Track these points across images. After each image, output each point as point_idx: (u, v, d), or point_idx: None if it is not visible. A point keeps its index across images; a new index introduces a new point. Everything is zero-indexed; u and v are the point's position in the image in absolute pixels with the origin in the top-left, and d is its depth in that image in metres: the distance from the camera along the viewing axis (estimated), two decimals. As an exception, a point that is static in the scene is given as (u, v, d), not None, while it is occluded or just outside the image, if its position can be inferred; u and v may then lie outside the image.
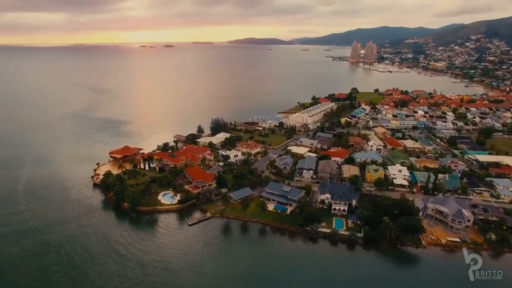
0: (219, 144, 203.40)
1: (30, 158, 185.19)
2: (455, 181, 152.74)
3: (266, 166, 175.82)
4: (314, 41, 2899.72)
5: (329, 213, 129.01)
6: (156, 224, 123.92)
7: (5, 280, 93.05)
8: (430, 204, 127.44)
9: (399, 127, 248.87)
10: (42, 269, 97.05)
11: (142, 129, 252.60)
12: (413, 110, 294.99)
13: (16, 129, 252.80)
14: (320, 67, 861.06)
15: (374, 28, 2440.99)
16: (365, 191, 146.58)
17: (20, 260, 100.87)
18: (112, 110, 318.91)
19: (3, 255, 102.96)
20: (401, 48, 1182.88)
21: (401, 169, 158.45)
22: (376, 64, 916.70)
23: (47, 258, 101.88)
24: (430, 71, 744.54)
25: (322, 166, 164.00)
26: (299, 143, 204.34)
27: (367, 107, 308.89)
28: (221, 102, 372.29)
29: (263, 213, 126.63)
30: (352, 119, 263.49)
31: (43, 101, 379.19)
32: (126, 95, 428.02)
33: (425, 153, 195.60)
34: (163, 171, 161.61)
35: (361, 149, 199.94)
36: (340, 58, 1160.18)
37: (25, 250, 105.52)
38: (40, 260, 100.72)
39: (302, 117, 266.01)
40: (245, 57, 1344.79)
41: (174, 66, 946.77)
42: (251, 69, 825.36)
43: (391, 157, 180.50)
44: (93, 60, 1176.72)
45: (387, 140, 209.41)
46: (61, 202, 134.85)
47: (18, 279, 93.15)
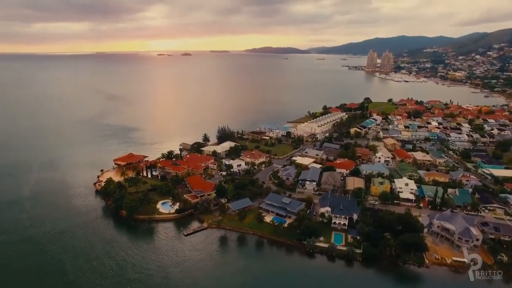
0: (223, 153, 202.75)
1: (38, 163, 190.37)
2: (465, 196, 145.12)
3: (269, 177, 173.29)
4: (331, 50, 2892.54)
5: (329, 227, 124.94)
6: (151, 233, 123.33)
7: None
8: (435, 221, 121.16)
9: (411, 138, 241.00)
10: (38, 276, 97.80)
11: (150, 136, 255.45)
12: (426, 121, 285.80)
13: (28, 133, 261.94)
14: (335, 76, 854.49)
15: (392, 38, 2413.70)
16: (369, 204, 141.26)
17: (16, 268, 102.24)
18: (123, 117, 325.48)
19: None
20: (420, 57, 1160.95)
21: (408, 183, 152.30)
22: (393, 73, 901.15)
23: (40, 265, 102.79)
24: (448, 81, 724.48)
25: (326, 178, 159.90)
26: (304, 153, 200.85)
27: (379, 117, 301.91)
28: (232, 111, 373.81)
29: (260, 225, 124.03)
30: (362, 130, 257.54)
31: (58, 106, 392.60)
32: (138, 102, 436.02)
33: (436, 166, 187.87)
34: (165, 179, 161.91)
35: (369, 160, 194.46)
36: (356, 68, 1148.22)
37: (20, 257, 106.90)
38: (33, 266, 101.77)
39: (310, 127, 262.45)
40: (260, 66, 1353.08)
41: (189, 74, 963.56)
42: (265, 78, 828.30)
43: (399, 170, 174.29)
44: (111, 67, 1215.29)
45: (396, 151, 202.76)
46: (61, 209, 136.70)
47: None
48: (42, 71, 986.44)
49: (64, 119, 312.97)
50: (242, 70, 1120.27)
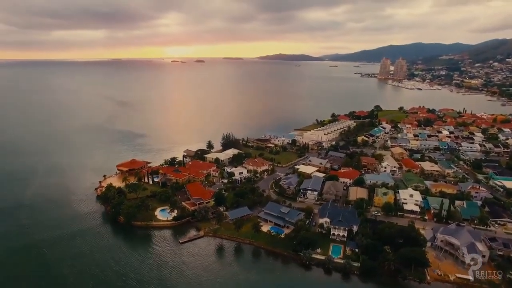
0: (226, 160, 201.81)
1: (43, 167, 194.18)
2: (473, 209, 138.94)
3: (270, 185, 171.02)
4: (344, 57, 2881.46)
5: (328, 238, 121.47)
6: (147, 240, 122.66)
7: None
8: (439, 235, 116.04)
9: (419, 147, 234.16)
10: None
11: (156, 142, 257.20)
12: (437, 130, 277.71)
13: (37, 139, 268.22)
14: (346, 84, 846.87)
15: (407, 45, 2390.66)
16: (371, 216, 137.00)
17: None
18: (131, 123, 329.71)
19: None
20: (435, 64, 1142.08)
21: (412, 194, 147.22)
22: (405, 81, 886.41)
23: (36, 271, 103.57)
24: (463, 89, 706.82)
25: (327, 188, 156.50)
26: (308, 162, 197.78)
27: (388, 125, 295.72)
28: (240, 118, 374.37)
29: (257, 235, 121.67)
30: (370, 138, 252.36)
31: (69, 112, 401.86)
32: (147, 109, 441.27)
33: (445, 176, 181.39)
34: (166, 186, 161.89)
35: (374, 170, 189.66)
36: (369, 75, 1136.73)
37: (17, 263, 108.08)
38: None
39: (316, 135, 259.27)
40: (272, 73, 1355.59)
41: (201, 81, 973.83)
42: (275, 85, 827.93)
43: (405, 180, 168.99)
44: (124, 74, 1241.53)
45: (403, 161, 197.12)
46: (62, 214, 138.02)
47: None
48: (58, 78, 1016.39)
49: (73, 125, 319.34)
50: (253, 77, 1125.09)
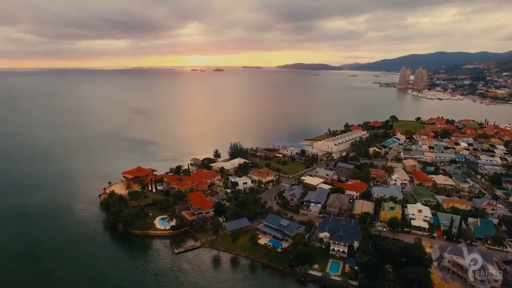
0: (232, 169, 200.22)
1: (53, 173, 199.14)
2: (488, 227, 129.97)
3: (274, 196, 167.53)
4: (364, 66, 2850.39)
5: (328, 254, 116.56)
6: (142, 249, 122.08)
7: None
8: (447, 254, 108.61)
9: (434, 160, 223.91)
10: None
11: (166, 150, 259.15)
12: (454, 142, 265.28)
13: (51, 144, 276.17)
14: (364, 93, 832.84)
15: (429, 54, 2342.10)
16: (375, 231, 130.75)
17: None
18: (144, 130, 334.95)
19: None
20: (458, 74, 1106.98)
21: (421, 209, 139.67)
22: (426, 91, 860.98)
23: (31, 277, 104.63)
24: (488, 99, 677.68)
25: (331, 200, 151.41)
26: (314, 173, 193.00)
27: (402, 136, 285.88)
28: (251, 127, 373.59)
29: (254, 248, 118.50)
30: (382, 149, 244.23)
31: (85, 119, 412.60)
32: (162, 116, 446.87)
33: (459, 191, 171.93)
34: (168, 194, 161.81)
35: (384, 183, 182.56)
36: (388, 85, 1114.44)
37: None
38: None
39: (327, 145, 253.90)
40: (289, 82, 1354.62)
41: (218, 89, 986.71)
42: (291, 94, 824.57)
43: (415, 194, 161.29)
44: (144, 82, 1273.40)
45: (415, 174, 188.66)
46: (65, 219, 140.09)
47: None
48: (81, 85, 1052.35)
49: (89, 131, 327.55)
50: (270, 86, 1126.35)
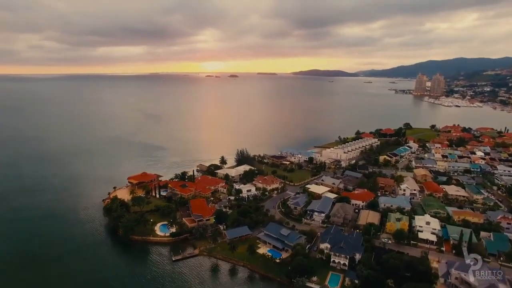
0: (237, 176, 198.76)
1: (61, 176, 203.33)
2: (502, 243, 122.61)
3: (277, 204, 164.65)
4: (380, 73, 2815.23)
5: (328, 265, 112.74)
6: (141, 255, 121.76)
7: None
8: (454, 271, 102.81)
9: (447, 169, 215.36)
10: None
11: (174, 155, 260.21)
12: (470, 151, 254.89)
13: (63, 147, 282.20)
14: (378, 100, 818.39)
15: (448, 60, 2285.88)
16: (379, 243, 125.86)
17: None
18: (154, 136, 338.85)
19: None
20: (478, 80, 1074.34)
21: (429, 221, 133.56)
22: (443, 97, 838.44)
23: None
24: (509, 106, 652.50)
25: (335, 210, 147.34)
26: (320, 181, 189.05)
27: (415, 144, 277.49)
28: (261, 133, 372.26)
29: (252, 257, 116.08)
30: (392, 158, 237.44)
31: (97, 123, 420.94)
32: (172, 121, 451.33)
33: (472, 203, 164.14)
34: (171, 200, 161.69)
35: (392, 192, 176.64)
36: (404, 91, 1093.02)
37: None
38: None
39: (336, 153, 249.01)
40: (303, 88, 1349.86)
41: (231, 95, 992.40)
42: (304, 100, 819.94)
43: (424, 205, 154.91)
44: (159, 87, 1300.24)
45: (425, 184, 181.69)
46: (66, 223, 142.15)
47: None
48: (98, 91, 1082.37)
49: (100, 136, 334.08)
50: (283, 92, 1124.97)
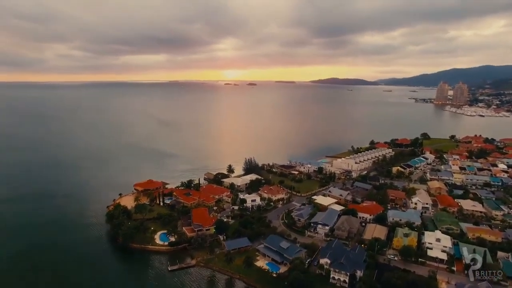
0: (243, 186, 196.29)
1: (70, 182, 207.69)
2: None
3: (282, 216, 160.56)
4: (401, 81, 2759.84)
5: (327, 282, 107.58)
6: (137, 263, 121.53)
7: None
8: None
9: (464, 182, 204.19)
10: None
11: (182, 163, 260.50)
12: (491, 163, 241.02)
13: (75, 154, 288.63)
14: (397, 109, 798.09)
15: (473, 68, 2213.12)
16: (385, 260, 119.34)
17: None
18: (165, 143, 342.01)
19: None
20: (506, 89, 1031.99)
21: (440, 238, 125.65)
22: (466, 107, 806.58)
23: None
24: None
25: (340, 223, 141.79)
26: (327, 192, 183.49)
27: (431, 155, 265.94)
28: (274, 142, 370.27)
29: (248, 270, 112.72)
30: (406, 169, 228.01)
31: (113, 130, 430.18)
32: (185, 129, 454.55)
33: (490, 219, 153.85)
34: (174, 208, 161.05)
35: (402, 206, 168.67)
36: (424, 100, 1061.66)
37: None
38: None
39: (347, 163, 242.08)
40: (322, 97, 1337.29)
41: (247, 103, 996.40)
42: (320, 109, 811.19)
43: (436, 220, 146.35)
44: (178, 95, 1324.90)
45: (439, 197, 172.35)
46: (69, 229, 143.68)
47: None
48: (118, 98, 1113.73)
49: (114, 143, 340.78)
50: (300, 101, 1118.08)
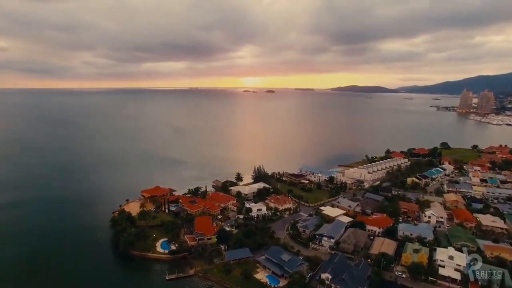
0: (251, 194, 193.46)
1: (81, 187, 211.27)
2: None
3: (287, 226, 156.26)
4: (423, 89, 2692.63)
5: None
6: (136, 270, 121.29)
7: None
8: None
9: (485, 195, 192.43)
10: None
11: (192, 170, 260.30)
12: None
13: (90, 158, 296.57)
14: (418, 118, 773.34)
15: (501, 75, 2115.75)
16: (391, 277, 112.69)
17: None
18: (176, 149, 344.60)
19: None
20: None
21: (453, 255, 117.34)
22: (492, 115, 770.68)
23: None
24: None
25: (346, 236, 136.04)
26: (336, 203, 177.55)
27: (450, 166, 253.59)
28: (287, 150, 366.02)
29: (246, 283, 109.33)
30: (422, 180, 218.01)
31: (129, 136, 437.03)
32: (198, 136, 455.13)
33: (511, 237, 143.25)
34: (178, 216, 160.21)
35: (416, 219, 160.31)
36: (447, 108, 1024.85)
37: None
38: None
39: (359, 173, 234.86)
40: (340, 105, 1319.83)
41: (265, 110, 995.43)
42: (337, 117, 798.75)
43: (450, 236, 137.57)
44: (195, 102, 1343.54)
45: (455, 211, 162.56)
46: (74, 234, 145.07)
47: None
48: (138, 104, 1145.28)
49: (128, 149, 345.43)
50: (318, 109, 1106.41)
